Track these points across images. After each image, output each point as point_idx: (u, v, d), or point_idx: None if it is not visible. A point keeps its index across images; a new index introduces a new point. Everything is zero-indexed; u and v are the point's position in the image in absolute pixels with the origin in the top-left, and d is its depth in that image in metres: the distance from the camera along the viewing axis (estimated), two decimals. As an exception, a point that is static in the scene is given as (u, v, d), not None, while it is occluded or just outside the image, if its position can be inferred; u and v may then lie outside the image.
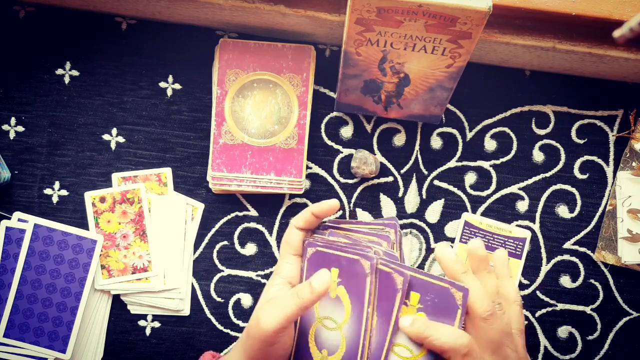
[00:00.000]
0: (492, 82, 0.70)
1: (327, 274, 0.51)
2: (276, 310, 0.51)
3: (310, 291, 0.50)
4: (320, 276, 0.51)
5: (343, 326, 0.53)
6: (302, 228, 0.58)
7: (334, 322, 0.54)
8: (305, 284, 0.51)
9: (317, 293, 0.50)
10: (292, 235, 0.58)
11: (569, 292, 0.69)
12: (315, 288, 0.50)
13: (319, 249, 0.55)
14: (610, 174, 0.70)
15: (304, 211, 0.58)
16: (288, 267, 0.57)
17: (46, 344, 0.63)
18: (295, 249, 0.57)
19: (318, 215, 0.57)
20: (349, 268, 0.53)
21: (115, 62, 0.68)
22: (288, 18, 0.62)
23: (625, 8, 0.57)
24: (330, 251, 0.54)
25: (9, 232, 0.63)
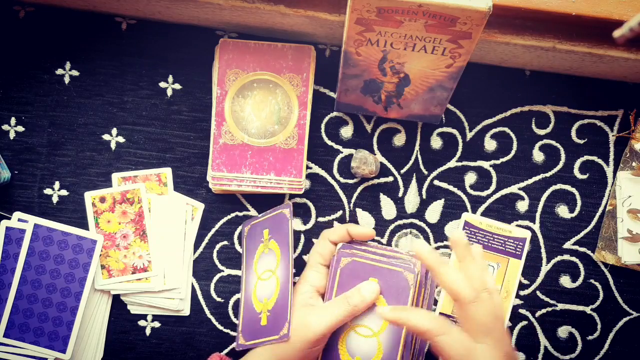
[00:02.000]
0: (492, 82, 0.70)
1: (376, 285, 0.57)
2: (327, 314, 0.56)
3: (362, 300, 0.56)
4: (369, 285, 0.57)
5: (380, 334, 0.57)
6: (334, 242, 0.62)
7: (370, 329, 0.58)
8: (355, 292, 0.57)
9: (368, 301, 0.56)
10: (323, 246, 0.61)
11: (569, 292, 0.69)
12: (365, 296, 0.56)
13: (355, 259, 0.59)
14: (610, 174, 0.70)
15: (340, 227, 0.62)
16: (317, 276, 0.60)
17: (46, 344, 0.63)
18: (326, 259, 0.61)
19: (353, 236, 0.61)
20: (390, 279, 0.57)
21: (115, 62, 0.68)
22: (288, 18, 0.62)
23: (625, 8, 0.57)
24: (368, 262, 0.58)
25: (9, 232, 0.63)
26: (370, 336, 0.57)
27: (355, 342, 0.58)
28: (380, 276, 0.58)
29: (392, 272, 0.57)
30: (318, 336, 0.55)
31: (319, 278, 0.60)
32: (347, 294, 0.57)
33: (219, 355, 0.62)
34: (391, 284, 0.57)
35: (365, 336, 0.57)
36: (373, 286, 0.57)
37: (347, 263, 0.59)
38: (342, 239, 0.61)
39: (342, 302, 0.57)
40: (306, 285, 0.60)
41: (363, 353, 0.57)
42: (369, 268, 0.58)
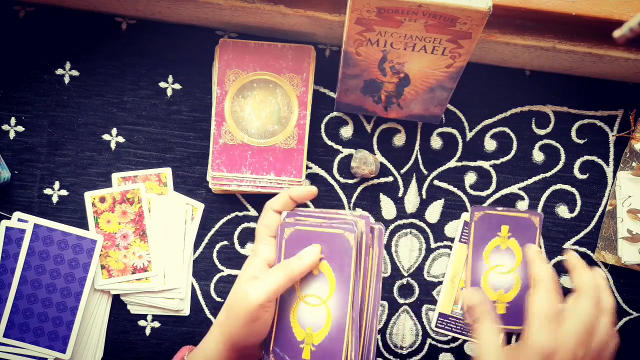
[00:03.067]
0: (492, 82, 0.70)
1: (315, 248, 0.55)
2: (265, 283, 0.53)
3: (300, 262, 0.54)
4: (310, 249, 0.55)
5: (328, 301, 0.56)
6: (278, 211, 0.60)
7: (318, 298, 0.56)
8: (294, 257, 0.55)
9: (307, 264, 0.54)
10: (268, 217, 0.60)
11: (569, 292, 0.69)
12: (304, 259, 0.54)
13: (298, 228, 0.57)
14: (610, 174, 0.70)
15: (281, 194, 0.60)
16: (266, 249, 0.59)
17: (46, 344, 0.63)
18: (273, 230, 0.59)
19: (295, 200, 0.60)
20: (332, 243, 0.56)
21: (115, 62, 0.68)
22: (288, 18, 0.62)
23: (625, 8, 0.57)
24: (310, 229, 0.57)
25: (9, 232, 0.63)
26: (318, 304, 0.56)
27: (306, 312, 0.56)
28: (323, 241, 0.56)
29: (333, 236, 0.56)
30: (256, 306, 0.52)
31: (268, 250, 0.58)
32: (286, 260, 0.56)
33: (189, 347, 0.62)
34: (334, 247, 0.56)
35: (314, 305, 0.56)
36: (312, 249, 0.55)
37: (291, 233, 0.57)
38: (286, 206, 0.60)
39: (279, 268, 0.54)
40: (256, 259, 0.58)
41: (314, 323, 0.56)
42: (311, 235, 0.57)
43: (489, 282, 0.67)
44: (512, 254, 0.67)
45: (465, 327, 0.68)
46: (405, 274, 0.69)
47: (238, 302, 0.53)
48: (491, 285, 0.67)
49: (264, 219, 0.60)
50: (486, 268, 0.67)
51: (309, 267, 0.55)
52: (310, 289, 0.56)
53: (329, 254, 0.56)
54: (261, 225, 0.60)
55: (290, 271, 0.54)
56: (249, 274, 0.57)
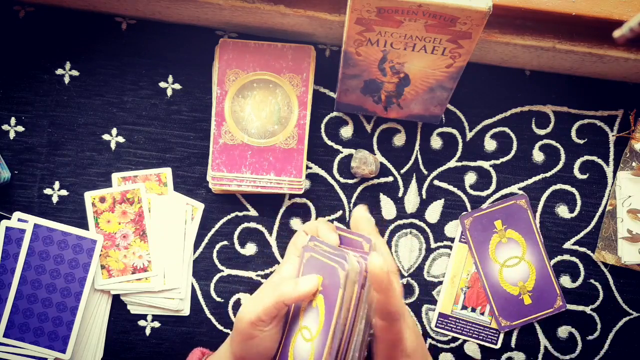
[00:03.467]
0: (492, 82, 0.70)
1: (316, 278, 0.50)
2: (255, 302, 0.50)
3: (293, 288, 0.50)
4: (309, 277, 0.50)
5: (315, 338, 0.50)
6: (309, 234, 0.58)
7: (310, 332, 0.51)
8: (291, 281, 0.51)
9: (300, 292, 0.49)
10: (299, 238, 0.58)
11: (569, 292, 0.69)
12: (299, 286, 0.49)
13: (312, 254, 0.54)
14: (610, 174, 0.70)
15: (314, 223, 0.58)
16: (290, 268, 0.57)
17: (46, 344, 0.63)
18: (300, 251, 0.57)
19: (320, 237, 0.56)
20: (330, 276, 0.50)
21: (115, 62, 0.68)
22: (288, 18, 0.62)
23: (625, 8, 0.57)
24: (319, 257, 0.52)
25: (9, 232, 0.63)
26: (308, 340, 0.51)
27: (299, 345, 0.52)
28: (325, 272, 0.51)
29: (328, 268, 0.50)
30: (246, 324, 0.50)
31: (291, 270, 0.56)
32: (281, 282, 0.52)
33: (201, 350, 0.62)
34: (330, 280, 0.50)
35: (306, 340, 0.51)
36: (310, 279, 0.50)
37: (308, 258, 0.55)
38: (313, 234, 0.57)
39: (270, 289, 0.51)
40: (277, 276, 0.57)
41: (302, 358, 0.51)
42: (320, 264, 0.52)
43: (505, 279, 0.68)
44: (515, 244, 0.68)
45: (465, 327, 0.68)
46: (405, 273, 0.69)
47: (236, 319, 0.52)
48: (509, 281, 0.68)
49: (295, 238, 0.59)
50: (497, 267, 0.68)
51: (302, 296, 0.50)
52: (307, 321, 0.52)
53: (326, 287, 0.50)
54: (291, 244, 0.59)
55: (280, 294, 0.50)
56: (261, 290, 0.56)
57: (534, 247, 0.68)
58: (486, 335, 0.68)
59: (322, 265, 0.51)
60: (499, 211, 0.68)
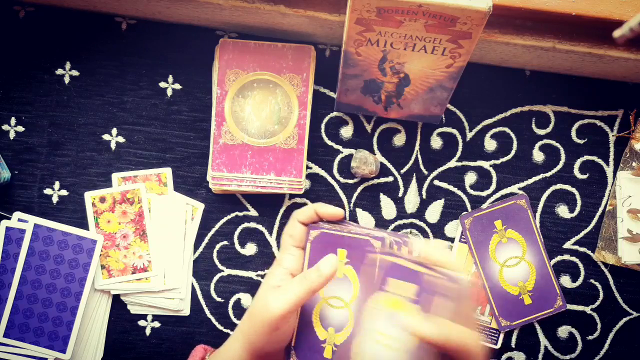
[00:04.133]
0: (492, 82, 0.70)
1: (334, 258, 0.54)
2: (286, 295, 0.53)
3: (318, 274, 0.53)
4: (327, 260, 0.54)
5: (351, 303, 0.56)
6: (303, 222, 0.60)
7: (342, 300, 0.57)
8: (313, 269, 0.54)
9: (326, 276, 0.53)
10: (294, 227, 0.60)
11: (569, 292, 0.69)
12: (323, 271, 0.53)
13: (324, 231, 0.57)
14: (610, 174, 0.70)
15: (308, 207, 0.60)
16: (290, 258, 0.59)
17: (46, 344, 0.63)
18: (297, 240, 0.59)
19: (321, 217, 0.60)
20: (358, 248, 0.55)
21: (115, 62, 0.68)
22: (288, 18, 0.62)
23: (625, 8, 0.57)
24: (337, 232, 0.57)
25: (9, 232, 0.63)
26: (342, 307, 0.57)
27: (328, 314, 0.57)
28: (348, 246, 0.56)
29: (359, 241, 0.56)
30: (277, 317, 0.52)
31: (291, 260, 0.58)
32: (306, 271, 0.55)
33: (203, 347, 0.62)
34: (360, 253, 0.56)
35: (337, 307, 0.57)
36: (331, 260, 0.54)
37: (317, 235, 0.58)
38: (311, 219, 0.59)
39: (300, 280, 0.54)
40: (278, 268, 0.58)
41: (335, 324, 0.56)
42: (338, 239, 0.57)
43: (506, 279, 0.68)
44: (515, 244, 0.68)
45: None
46: (405, 274, 0.69)
47: (260, 311, 0.54)
48: (509, 281, 0.68)
49: (288, 228, 0.60)
50: (498, 267, 0.68)
51: (328, 279, 0.53)
52: (335, 292, 0.57)
53: (354, 258, 0.56)
54: (286, 234, 0.60)
55: (310, 284, 0.53)
56: (271, 283, 0.57)
57: (534, 247, 0.68)
58: (486, 335, 0.68)
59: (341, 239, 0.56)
60: (499, 211, 0.68)
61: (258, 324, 0.53)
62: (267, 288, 0.57)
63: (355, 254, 0.56)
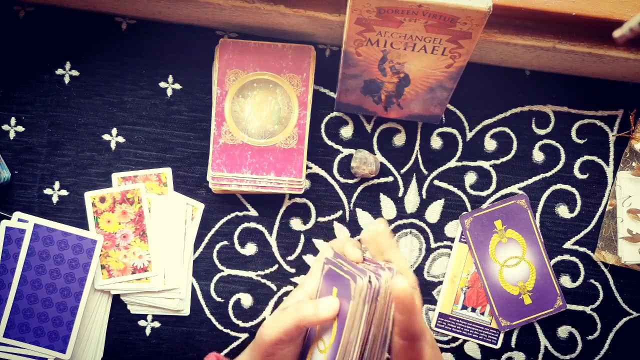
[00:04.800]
0: (492, 82, 0.70)
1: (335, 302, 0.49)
2: (277, 322, 0.50)
3: (314, 313, 0.49)
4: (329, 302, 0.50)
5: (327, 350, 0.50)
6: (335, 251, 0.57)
7: (324, 344, 0.51)
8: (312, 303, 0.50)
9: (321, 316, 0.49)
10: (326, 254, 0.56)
11: (569, 292, 0.69)
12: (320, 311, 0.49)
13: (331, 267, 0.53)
14: (610, 174, 0.70)
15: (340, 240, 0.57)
16: (314, 282, 0.56)
17: (46, 344, 0.63)
18: None
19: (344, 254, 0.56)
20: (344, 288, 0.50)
21: (115, 62, 0.68)
22: (288, 18, 0.62)
23: (625, 8, 0.57)
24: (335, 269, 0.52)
25: (9, 232, 0.63)
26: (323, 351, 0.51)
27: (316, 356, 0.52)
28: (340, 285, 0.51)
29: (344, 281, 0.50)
30: (267, 342, 0.50)
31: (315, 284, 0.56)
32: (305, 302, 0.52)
33: (215, 354, 0.62)
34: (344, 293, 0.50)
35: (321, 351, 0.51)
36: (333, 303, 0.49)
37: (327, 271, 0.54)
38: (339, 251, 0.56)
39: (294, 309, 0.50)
40: (300, 291, 0.56)
41: None
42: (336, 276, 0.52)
43: (505, 278, 0.68)
44: (515, 244, 0.68)
45: (465, 327, 0.68)
46: (405, 274, 0.69)
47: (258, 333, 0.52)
48: (509, 281, 0.68)
49: (320, 254, 0.58)
50: (497, 267, 0.68)
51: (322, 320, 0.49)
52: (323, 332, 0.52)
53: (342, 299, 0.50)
54: (316, 259, 0.58)
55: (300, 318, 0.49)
56: (285, 305, 0.55)
57: (534, 247, 0.68)
58: (486, 335, 0.68)
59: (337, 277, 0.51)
60: (499, 211, 0.68)
61: (256, 347, 0.52)
62: (279, 308, 0.55)
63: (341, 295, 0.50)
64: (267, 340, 0.50)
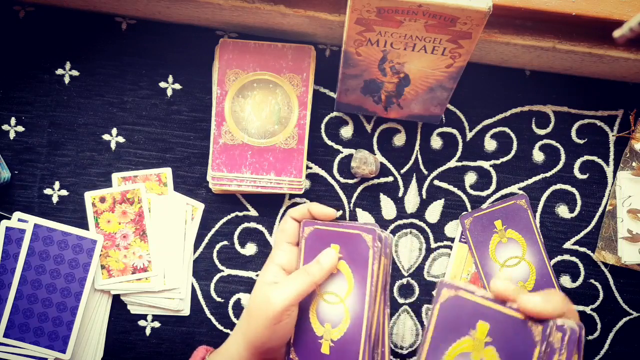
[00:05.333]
0: (492, 82, 0.70)
1: (333, 252, 0.56)
2: (287, 288, 0.55)
3: (320, 267, 0.56)
4: (327, 253, 0.57)
5: (346, 299, 0.56)
6: (296, 219, 0.61)
7: (337, 296, 0.57)
8: (314, 262, 0.57)
9: (326, 268, 0.56)
10: (287, 224, 0.61)
11: (569, 292, 0.69)
12: (323, 264, 0.56)
13: (317, 227, 0.58)
14: (610, 174, 0.70)
15: (302, 205, 0.61)
16: (282, 255, 0.60)
17: (46, 344, 0.63)
18: (290, 236, 0.60)
19: (314, 215, 0.61)
20: (350, 243, 0.57)
21: (115, 62, 0.68)
22: (288, 18, 0.62)
23: (625, 8, 0.57)
24: (329, 228, 0.58)
25: (9, 232, 0.63)
26: (337, 302, 0.57)
27: (324, 309, 0.57)
28: (341, 241, 0.57)
29: (351, 236, 0.56)
30: (279, 311, 0.54)
31: (284, 257, 0.60)
32: (306, 265, 0.57)
33: (205, 347, 0.62)
34: (352, 248, 0.57)
35: (333, 303, 0.57)
36: (331, 253, 0.57)
37: (311, 232, 0.59)
38: (303, 217, 0.61)
39: (300, 274, 0.56)
40: (272, 265, 0.59)
41: (332, 320, 0.57)
42: (331, 234, 0.58)
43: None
44: (515, 244, 0.68)
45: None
46: (405, 273, 0.69)
47: (260, 307, 0.55)
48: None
49: (281, 225, 0.61)
50: (497, 267, 0.68)
51: (329, 271, 0.56)
52: (329, 287, 0.58)
53: (347, 253, 0.57)
54: (279, 231, 0.62)
55: (312, 277, 0.56)
56: (266, 280, 0.58)
57: (534, 247, 0.68)
58: None
59: (334, 235, 0.58)
60: (499, 211, 0.68)
61: (260, 320, 0.54)
62: (263, 284, 0.57)
63: (348, 249, 0.57)
64: (281, 306, 0.54)
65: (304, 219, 0.61)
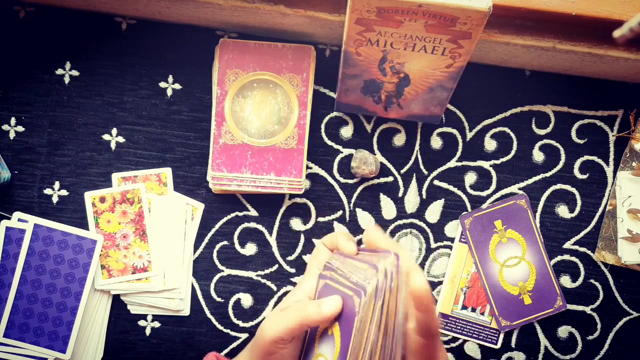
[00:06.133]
0: (492, 82, 0.70)
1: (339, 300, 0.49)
2: (279, 321, 0.50)
3: (317, 311, 0.49)
4: (332, 300, 0.50)
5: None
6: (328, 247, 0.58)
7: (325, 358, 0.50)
8: (315, 303, 0.50)
9: (323, 315, 0.49)
10: (319, 252, 0.58)
11: (569, 292, 0.69)
12: (323, 309, 0.49)
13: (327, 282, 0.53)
14: (610, 174, 0.70)
15: (333, 234, 0.58)
16: (311, 282, 0.56)
17: (46, 344, 0.63)
18: (321, 264, 0.57)
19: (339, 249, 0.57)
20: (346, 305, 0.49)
21: (115, 62, 0.68)
22: (288, 18, 0.62)
23: (625, 8, 0.57)
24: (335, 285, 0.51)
25: (9, 232, 0.63)
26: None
27: None
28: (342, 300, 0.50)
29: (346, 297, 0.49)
30: (267, 341, 0.50)
31: (313, 285, 0.56)
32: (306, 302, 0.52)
33: (215, 354, 0.62)
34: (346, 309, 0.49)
35: None
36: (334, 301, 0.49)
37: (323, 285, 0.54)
38: (333, 246, 0.58)
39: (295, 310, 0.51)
40: (298, 291, 0.57)
41: None
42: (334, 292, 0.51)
43: (505, 278, 0.68)
44: (515, 244, 0.68)
45: (465, 327, 0.68)
46: (405, 274, 0.69)
47: (258, 333, 0.53)
48: (509, 281, 0.68)
49: (315, 251, 0.58)
50: (497, 267, 0.68)
51: (326, 318, 0.49)
52: (323, 349, 0.51)
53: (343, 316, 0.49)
54: (311, 258, 0.59)
55: (304, 316, 0.50)
56: (284, 305, 0.55)
57: (534, 247, 0.68)
58: (486, 335, 0.68)
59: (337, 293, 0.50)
60: (499, 211, 0.68)
61: (256, 346, 0.52)
62: (277, 308, 0.55)
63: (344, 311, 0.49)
64: (268, 339, 0.50)
65: (332, 248, 0.57)
